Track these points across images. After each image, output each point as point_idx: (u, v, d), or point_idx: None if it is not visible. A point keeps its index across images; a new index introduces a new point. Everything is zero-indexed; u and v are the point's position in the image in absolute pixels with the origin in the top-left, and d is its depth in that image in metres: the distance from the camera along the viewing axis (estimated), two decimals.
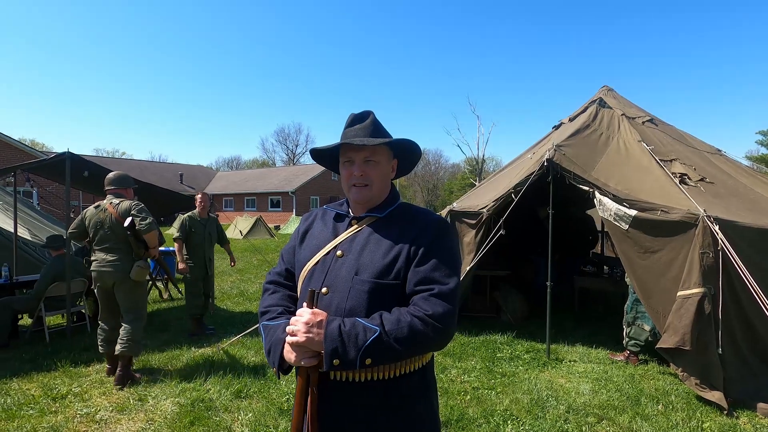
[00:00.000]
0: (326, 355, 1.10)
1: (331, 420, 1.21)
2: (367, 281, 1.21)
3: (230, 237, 18.72)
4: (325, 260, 1.29)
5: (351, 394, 1.21)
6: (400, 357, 1.15)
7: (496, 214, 4.94)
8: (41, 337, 4.94)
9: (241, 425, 3.08)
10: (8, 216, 6.93)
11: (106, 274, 3.80)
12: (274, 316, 1.30)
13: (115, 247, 3.83)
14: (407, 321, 1.13)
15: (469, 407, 3.39)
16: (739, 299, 3.58)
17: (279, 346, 1.20)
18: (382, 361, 1.14)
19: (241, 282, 8.80)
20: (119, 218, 3.81)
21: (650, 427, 3.11)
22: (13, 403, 3.40)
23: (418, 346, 1.15)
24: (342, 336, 1.10)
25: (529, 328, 5.44)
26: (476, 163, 38.36)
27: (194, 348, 4.72)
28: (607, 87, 6.28)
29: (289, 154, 59.77)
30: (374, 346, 1.10)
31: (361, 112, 1.34)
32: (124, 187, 4.07)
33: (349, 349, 1.09)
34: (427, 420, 1.28)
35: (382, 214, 1.32)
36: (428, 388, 1.30)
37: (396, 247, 1.24)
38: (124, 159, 44.81)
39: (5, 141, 17.49)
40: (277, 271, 1.46)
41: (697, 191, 4.27)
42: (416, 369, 1.26)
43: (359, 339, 1.10)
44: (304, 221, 1.48)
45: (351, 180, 1.29)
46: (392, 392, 1.22)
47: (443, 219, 1.35)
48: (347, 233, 1.32)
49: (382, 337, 1.10)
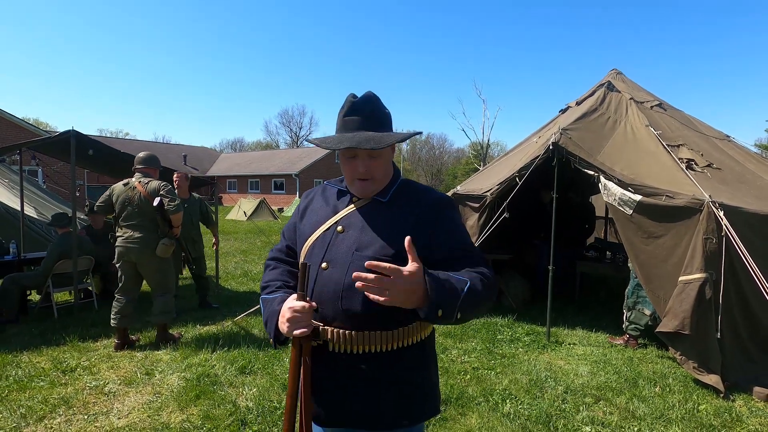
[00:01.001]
0: (431, 305, 1.05)
1: (330, 392, 1.22)
2: (368, 257, 1.18)
3: (234, 218, 18.98)
4: (325, 235, 1.28)
5: (350, 366, 1.21)
6: (477, 312, 1.17)
7: (499, 197, 4.92)
8: (50, 313, 5.03)
9: (245, 399, 3.16)
10: (15, 194, 7.00)
11: (133, 250, 3.98)
12: (272, 290, 1.32)
13: (141, 224, 4.02)
14: (477, 277, 1.15)
15: (468, 386, 3.45)
16: (741, 286, 3.59)
17: (275, 318, 1.21)
18: (466, 316, 1.13)
19: (244, 263, 8.88)
20: (148, 196, 4.01)
21: (647, 408, 3.17)
22: (24, 375, 3.50)
23: (488, 299, 1.17)
24: (443, 285, 1.07)
25: (530, 311, 5.48)
26: (481, 148, 38.07)
27: (199, 326, 4.80)
28: (616, 70, 6.17)
29: (292, 137, 59.56)
30: (467, 298, 1.09)
31: (362, 97, 1.25)
32: (153, 167, 4.29)
33: (451, 300, 1.07)
34: (425, 390, 1.29)
35: (385, 199, 1.29)
36: (427, 359, 1.31)
37: (399, 224, 1.22)
38: (127, 140, 44.71)
39: (9, 119, 17.47)
40: (279, 248, 1.47)
41: (703, 177, 4.24)
42: (415, 342, 1.26)
43: (456, 289, 1.09)
44: (305, 198, 1.47)
45: (355, 175, 1.25)
46: (391, 364, 1.23)
47: (446, 195, 1.33)
48: (348, 209, 1.30)
49: (471, 288, 1.11)
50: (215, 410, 3.00)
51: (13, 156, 6.28)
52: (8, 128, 17.03)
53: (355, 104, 1.22)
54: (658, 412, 3.12)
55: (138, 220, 4.01)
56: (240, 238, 13.01)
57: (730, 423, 3.00)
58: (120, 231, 4.07)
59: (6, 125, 17.18)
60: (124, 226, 4.04)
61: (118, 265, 4.09)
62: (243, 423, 2.87)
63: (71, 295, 5.36)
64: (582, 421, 2.98)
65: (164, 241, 4.04)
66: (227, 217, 19.38)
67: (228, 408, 3.03)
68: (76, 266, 4.96)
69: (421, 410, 1.28)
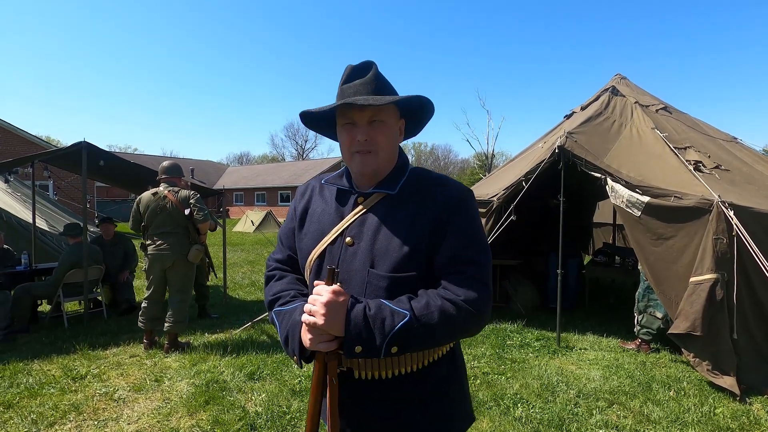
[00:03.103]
0: (347, 341, 0.97)
1: (357, 419, 1.11)
2: (385, 276, 1.05)
3: (241, 230, 19.04)
4: (332, 250, 1.11)
5: (380, 390, 1.09)
6: (429, 345, 1.04)
7: (506, 202, 4.92)
8: (60, 322, 5.07)
9: (254, 405, 3.15)
10: (27, 207, 7.12)
11: (167, 257, 4.14)
12: (287, 300, 1.15)
13: (174, 231, 4.18)
14: (438, 305, 1.00)
15: (479, 391, 3.41)
16: (753, 285, 3.54)
17: (297, 330, 1.05)
18: (409, 350, 1.01)
19: (252, 273, 8.91)
20: (179, 205, 4.17)
21: (662, 411, 3.10)
22: (35, 382, 3.51)
23: (449, 332, 1.02)
24: (367, 320, 0.97)
25: (539, 317, 5.43)
26: (486, 158, 38.10)
27: (207, 333, 4.81)
28: (620, 75, 6.20)
29: (298, 149, 60.01)
30: (402, 333, 0.97)
31: (361, 63, 1.11)
32: (178, 176, 4.47)
33: (375, 336, 0.96)
34: (460, 402, 1.19)
35: (394, 191, 1.12)
36: (458, 369, 1.19)
37: (416, 231, 1.07)
38: (136, 154, 45.35)
39: (23, 136, 17.84)
40: (277, 258, 1.27)
41: (712, 178, 4.22)
42: (445, 353, 1.16)
43: (386, 324, 0.97)
44: (300, 197, 1.26)
45: (353, 146, 1.08)
46: (423, 382, 1.11)
47: (464, 187, 1.15)
48: (355, 215, 1.12)
49: (412, 322, 0.97)
50: (224, 415, 2.99)
51: (26, 169, 6.39)
52: (21, 144, 17.37)
53: (354, 69, 1.10)
54: (674, 415, 3.05)
55: (170, 227, 4.17)
56: (247, 249, 13.06)
57: (749, 426, 2.93)
58: (150, 240, 4.20)
59: (19, 141, 17.54)
60: (156, 235, 4.18)
61: (148, 273, 4.23)
62: (252, 428, 2.85)
63: (81, 305, 5.40)
64: (596, 424, 2.93)
65: (196, 246, 4.24)
66: (234, 229, 19.48)
67: (237, 413, 3.02)
68: (86, 275, 5.01)
69: (459, 422, 1.18)
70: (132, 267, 5.95)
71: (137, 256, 5.98)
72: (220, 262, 6.45)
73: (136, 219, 4.30)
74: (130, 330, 4.83)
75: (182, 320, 4.23)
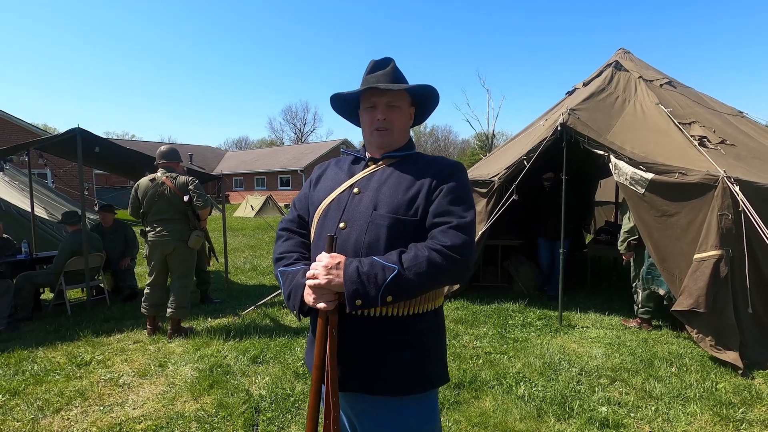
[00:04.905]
0: (348, 296, 1.12)
1: (347, 354, 1.23)
2: (387, 216, 1.23)
3: (242, 215, 19.02)
4: (341, 198, 1.31)
5: (367, 328, 1.23)
6: (421, 291, 1.18)
7: (507, 182, 4.86)
8: (63, 310, 5.08)
9: (258, 388, 3.17)
10: (25, 196, 7.07)
11: (166, 243, 4.12)
12: (290, 262, 1.33)
13: (173, 217, 4.15)
14: (425, 255, 1.14)
15: (481, 370, 3.43)
16: (758, 262, 3.51)
17: (299, 290, 1.23)
18: (404, 297, 1.16)
19: (253, 258, 8.91)
20: (177, 191, 4.11)
21: (664, 387, 3.12)
22: (40, 369, 3.53)
23: (437, 278, 1.16)
24: (361, 277, 1.13)
25: (541, 297, 5.44)
26: (486, 139, 37.79)
27: (210, 318, 4.82)
28: (623, 49, 6.05)
29: (297, 133, 59.47)
30: (394, 284, 1.12)
31: (383, 58, 1.36)
32: (175, 161, 4.37)
33: (370, 289, 1.12)
34: (436, 359, 1.31)
35: (400, 154, 1.35)
36: (439, 327, 1.35)
37: (416, 184, 1.27)
38: (134, 141, 45.00)
39: (18, 124, 17.68)
40: (290, 218, 1.47)
41: (717, 153, 4.15)
42: (430, 309, 1.29)
43: (378, 278, 1.12)
44: (318, 170, 1.49)
45: (374, 124, 1.32)
46: (407, 328, 1.25)
47: (456, 162, 1.38)
48: (364, 172, 1.35)
49: (401, 274, 1.12)
50: (228, 399, 3.01)
51: (21, 157, 6.32)
52: (17, 132, 17.21)
53: (376, 63, 1.35)
54: (676, 391, 3.07)
55: (169, 214, 4.12)
56: (248, 234, 13.06)
57: (750, 400, 2.94)
58: (150, 226, 4.18)
59: (15, 129, 17.38)
60: (155, 221, 4.14)
61: (149, 259, 4.21)
62: (256, 410, 2.87)
63: (83, 293, 5.41)
64: (598, 401, 2.94)
65: (196, 233, 4.19)
66: (234, 214, 19.46)
67: (241, 396, 3.04)
68: (87, 263, 5.00)
69: (432, 374, 1.28)
70: (133, 254, 5.94)
71: (138, 242, 5.97)
72: (221, 247, 6.43)
73: (134, 206, 4.27)
74: (133, 316, 4.85)
75: (185, 305, 4.23)
